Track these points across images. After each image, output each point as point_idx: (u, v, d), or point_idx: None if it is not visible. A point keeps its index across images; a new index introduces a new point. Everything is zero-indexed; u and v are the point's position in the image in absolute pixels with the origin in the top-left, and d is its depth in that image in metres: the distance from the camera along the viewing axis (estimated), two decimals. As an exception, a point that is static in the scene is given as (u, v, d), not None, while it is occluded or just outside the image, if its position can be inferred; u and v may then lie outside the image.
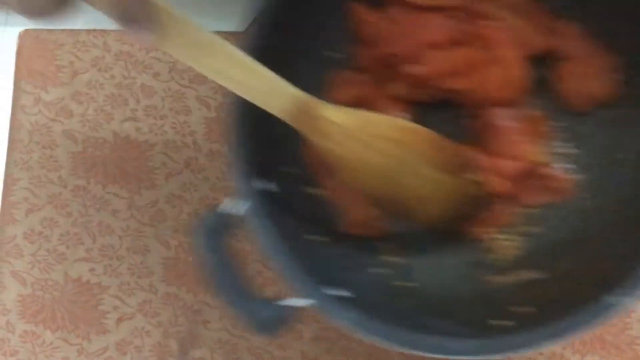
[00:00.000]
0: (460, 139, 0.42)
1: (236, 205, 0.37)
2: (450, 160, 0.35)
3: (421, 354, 0.33)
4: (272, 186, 0.39)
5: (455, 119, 0.45)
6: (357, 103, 0.41)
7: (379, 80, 0.43)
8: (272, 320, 0.35)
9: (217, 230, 0.37)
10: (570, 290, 0.37)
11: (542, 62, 0.46)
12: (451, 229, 0.40)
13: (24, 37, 0.64)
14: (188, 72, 0.63)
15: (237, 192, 0.36)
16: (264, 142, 0.39)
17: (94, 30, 0.64)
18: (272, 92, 0.32)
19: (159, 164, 0.62)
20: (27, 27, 0.65)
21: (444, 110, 0.45)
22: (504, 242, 0.42)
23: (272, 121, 0.35)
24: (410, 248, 0.40)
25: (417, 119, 0.42)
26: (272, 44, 0.38)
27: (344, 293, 0.35)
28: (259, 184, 0.37)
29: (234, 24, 0.64)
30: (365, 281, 0.39)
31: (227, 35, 0.63)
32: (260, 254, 0.37)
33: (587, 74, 0.40)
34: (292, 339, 0.59)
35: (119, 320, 0.60)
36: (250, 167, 0.37)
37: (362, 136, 0.33)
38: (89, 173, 0.62)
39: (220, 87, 0.62)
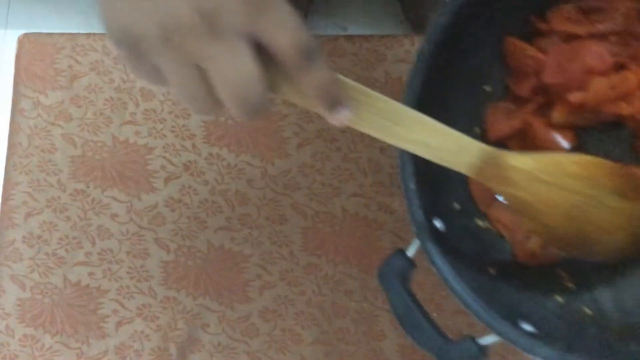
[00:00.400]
0: (626, 161, 0.40)
1: (414, 247, 0.39)
2: (630, 186, 0.35)
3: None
4: (442, 224, 0.39)
5: (619, 141, 0.43)
6: (519, 134, 0.41)
7: (538, 110, 0.42)
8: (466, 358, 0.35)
9: (402, 271, 0.39)
10: None
11: None
12: (633, 255, 0.37)
13: (23, 41, 0.64)
14: (187, 76, 0.63)
15: (416, 234, 0.38)
16: (433, 183, 0.40)
17: (93, 34, 0.64)
18: (459, 150, 0.33)
19: (158, 168, 0.62)
20: (26, 31, 0.65)
21: (606, 133, 0.43)
22: None
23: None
24: (585, 273, 0.39)
25: (579, 144, 0.41)
26: (430, 83, 0.37)
27: (528, 327, 0.35)
28: (435, 224, 0.39)
29: None
30: (544, 311, 0.38)
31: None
32: (439, 292, 0.37)
33: None
34: (292, 343, 0.59)
35: (119, 324, 0.60)
36: (424, 209, 0.38)
37: (547, 177, 0.33)
38: (88, 177, 0.62)
39: (220, 90, 0.63)
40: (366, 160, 0.61)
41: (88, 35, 0.64)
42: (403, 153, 0.38)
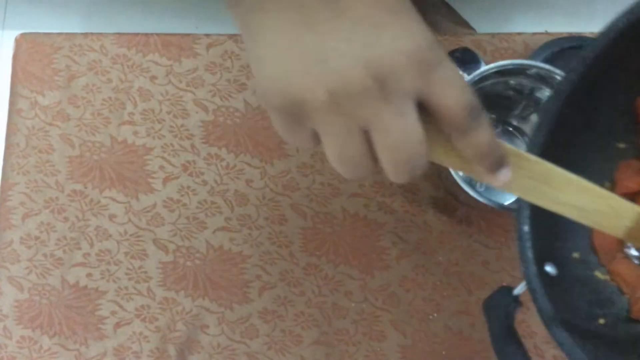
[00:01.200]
0: None
1: (522, 286, 0.40)
2: None
3: None
4: (554, 269, 0.40)
5: None
6: None
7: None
8: None
9: (507, 307, 0.40)
10: None
11: None
12: None
13: (20, 41, 0.64)
14: (185, 75, 0.62)
15: (523, 273, 0.38)
16: (552, 229, 0.41)
17: (91, 33, 0.64)
18: (614, 213, 0.32)
19: (157, 168, 0.61)
20: (24, 31, 0.64)
21: None
22: None
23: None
24: None
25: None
26: (557, 137, 0.37)
27: None
28: (546, 268, 0.39)
29: (231, 26, 0.64)
30: None
31: (237, 37, 0.63)
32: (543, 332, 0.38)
33: None
34: (292, 344, 0.59)
35: (117, 325, 0.60)
36: (536, 252, 0.38)
37: None
38: (86, 177, 0.62)
39: (218, 90, 0.62)
40: (366, 160, 0.61)
41: (85, 35, 0.64)
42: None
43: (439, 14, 0.67)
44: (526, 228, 0.38)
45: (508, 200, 0.57)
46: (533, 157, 0.31)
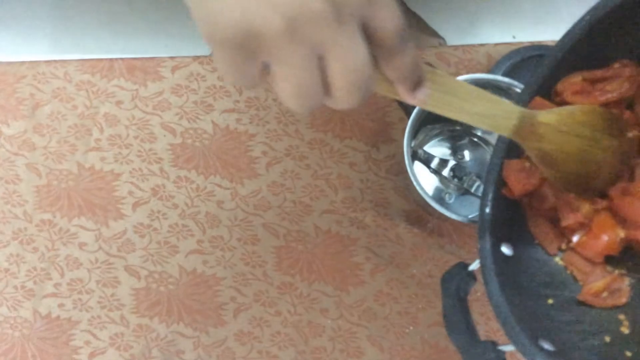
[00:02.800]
0: None
1: (477, 264, 0.42)
2: (615, 125, 0.41)
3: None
4: (510, 250, 0.42)
5: None
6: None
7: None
8: None
9: (460, 280, 0.42)
10: None
11: None
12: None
13: (-18, 70, 0.63)
14: (151, 99, 0.62)
15: (479, 251, 0.41)
16: (513, 215, 0.43)
17: (54, 60, 0.64)
18: (505, 115, 0.37)
19: (126, 194, 0.61)
20: (-14, 61, 0.64)
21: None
22: None
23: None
24: (638, 322, 0.41)
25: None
26: None
27: (549, 347, 0.38)
28: (503, 248, 0.42)
29: (204, 47, 0.64)
30: (583, 344, 0.40)
31: (202, 59, 0.63)
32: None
33: None
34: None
35: (91, 355, 0.59)
36: (493, 233, 0.41)
37: (565, 128, 0.39)
38: (54, 206, 0.61)
39: (185, 113, 0.62)
40: (336, 176, 0.61)
41: (49, 62, 0.63)
42: (488, 176, 0.42)
43: (408, 24, 0.68)
44: (488, 210, 0.41)
45: (473, 213, 0.57)
46: (444, 73, 0.34)
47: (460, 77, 0.52)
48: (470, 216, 0.53)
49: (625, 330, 0.40)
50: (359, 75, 0.29)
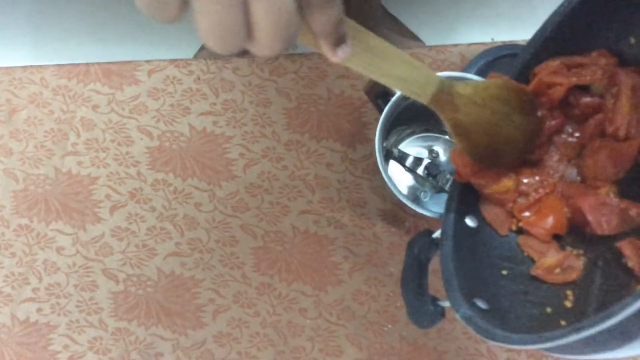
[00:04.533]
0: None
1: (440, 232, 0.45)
2: (527, 103, 0.43)
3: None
4: (474, 222, 0.45)
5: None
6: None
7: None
8: (430, 315, 0.43)
9: (423, 245, 0.45)
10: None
11: None
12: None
13: (-42, 77, 0.63)
14: (128, 103, 0.62)
15: (443, 220, 0.44)
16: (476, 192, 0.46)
17: (31, 66, 0.64)
18: (426, 81, 0.37)
19: (103, 197, 0.61)
20: (-38, 67, 0.64)
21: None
22: None
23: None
24: (589, 300, 0.42)
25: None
26: None
27: (483, 306, 0.40)
28: (467, 220, 0.45)
29: (184, 52, 0.64)
30: (523, 312, 0.42)
31: (178, 62, 0.63)
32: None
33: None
34: (249, 365, 0.59)
35: (70, 359, 0.59)
36: (460, 205, 0.45)
37: (479, 100, 0.40)
38: (32, 211, 0.61)
39: (162, 116, 0.62)
40: (313, 177, 0.62)
41: (25, 68, 0.63)
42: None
43: (386, 27, 0.68)
44: (457, 184, 0.45)
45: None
46: (371, 33, 0.34)
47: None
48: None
49: (568, 304, 0.41)
50: (284, 18, 0.28)
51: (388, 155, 0.58)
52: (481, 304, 0.39)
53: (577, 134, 0.44)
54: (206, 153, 0.62)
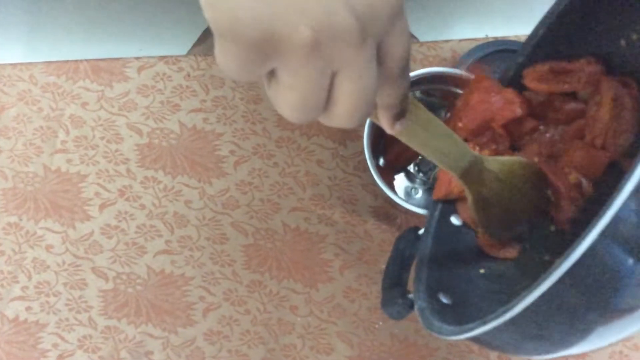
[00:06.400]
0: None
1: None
2: (542, 181, 0.43)
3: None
4: (458, 221, 0.46)
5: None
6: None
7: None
8: (398, 306, 0.43)
9: (408, 241, 0.46)
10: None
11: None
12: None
13: (-54, 74, 0.63)
14: (117, 100, 0.62)
15: (427, 217, 0.45)
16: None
17: (20, 63, 0.63)
18: (461, 156, 0.38)
19: (93, 195, 0.61)
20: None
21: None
22: None
23: None
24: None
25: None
26: None
27: (446, 300, 0.41)
28: (451, 218, 0.46)
29: (177, 49, 0.64)
30: (485, 309, 0.43)
31: (168, 59, 0.63)
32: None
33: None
34: (240, 363, 0.58)
35: (60, 358, 0.58)
36: (445, 205, 0.46)
37: (503, 177, 0.41)
38: (21, 209, 0.60)
39: (152, 113, 0.62)
40: (304, 174, 0.61)
41: (14, 65, 0.63)
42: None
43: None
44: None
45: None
46: (421, 105, 0.34)
47: (423, 71, 0.53)
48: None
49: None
50: (366, 99, 0.28)
51: (379, 151, 0.58)
52: (444, 299, 0.41)
53: (558, 137, 0.44)
54: (196, 150, 0.62)
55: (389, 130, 0.32)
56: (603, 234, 0.27)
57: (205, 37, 0.84)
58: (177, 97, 0.62)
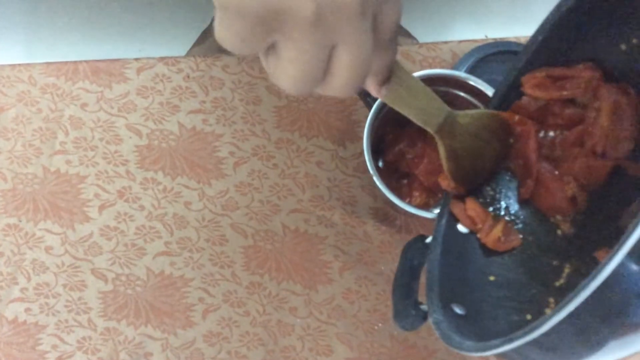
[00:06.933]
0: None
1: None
2: (503, 129, 0.45)
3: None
4: (466, 228, 0.46)
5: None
6: None
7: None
8: (411, 318, 0.43)
9: (416, 249, 0.46)
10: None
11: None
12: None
13: (-55, 75, 0.63)
14: (116, 101, 0.62)
15: (435, 225, 0.45)
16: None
17: (19, 64, 0.63)
18: (437, 112, 0.40)
19: (92, 196, 0.60)
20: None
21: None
22: None
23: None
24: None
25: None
26: None
27: (459, 311, 0.41)
28: (458, 226, 0.45)
29: (176, 50, 0.64)
30: (499, 317, 0.43)
31: (167, 60, 0.63)
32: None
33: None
34: (239, 365, 0.58)
35: (59, 359, 0.58)
36: (451, 216, 0.46)
37: (472, 129, 0.42)
38: (20, 210, 0.60)
39: (151, 114, 0.62)
40: (303, 175, 0.61)
41: (13, 66, 0.63)
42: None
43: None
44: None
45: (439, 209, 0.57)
46: (403, 68, 0.35)
47: (422, 72, 0.53)
48: (436, 212, 0.53)
49: (549, 311, 0.42)
50: (363, 69, 0.29)
51: (378, 153, 0.58)
52: (458, 309, 0.40)
53: (558, 140, 0.44)
54: (196, 151, 0.61)
55: (375, 93, 0.34)
56: (628, 255, 0.27)
57: (205, 38, 0.84)
58: (176, 98, 0.62)
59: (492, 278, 0.43)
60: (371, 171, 0.52)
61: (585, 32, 0.42)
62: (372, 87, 0.33)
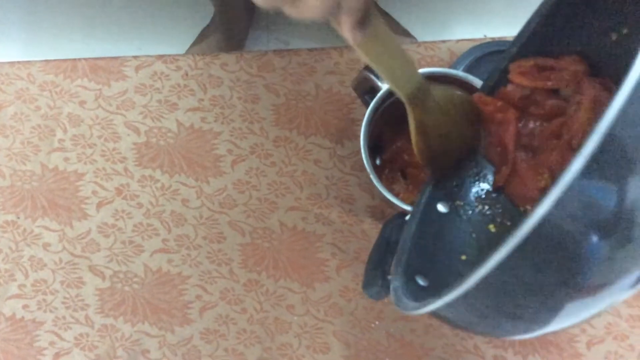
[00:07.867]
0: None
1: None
2: (473, 112, 0.45)
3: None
4: (445, 208, 0.47)
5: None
6: None
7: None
8: (378, 287, 0.43)
9: (395, 226, 0.47)
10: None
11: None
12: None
13: (-56, 72, 0.63)
14: (115, 98, 0.62)
15: (414, 205, 0.46)
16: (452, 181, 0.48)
17: (18, 62, 0.63)
18: (408, 76, 0.39)
19: (90, 194, 0.61)
20: (-51, 62, 0.63)
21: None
22: None
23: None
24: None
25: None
26: None
27: (422, 283, 0.42)
28: (438, 205, 0.47)
29: (175, 48, 0.64)
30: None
31: (166, 58, 0.63)
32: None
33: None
34: (236, 362, 0.59)
35: (56, 356, 0.58)
36: (433, 193, 0.47)
37: (444, 105, 0.43)
38: (18, 207, 0.60)
39: (149, 112, 0.62)
40: (301, 173, 0.61)
41: (12, 64, 0.63)
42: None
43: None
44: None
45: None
46: (381, 19, 0.35)
47: (420, 71, 0.53)
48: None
49: None
50: None
51: (376, 151, 0.58)
52: (421, 281, 0.42)
53: (537, 131, 0.45)
54: (194, 149, 0.62)
55: (349, 36, 0.34)
56: (557, 206, 0.27)
57: (203, 37, 0.84)
58: (174, 96, 0.62)
59: (463, 257, 0.45)
60: (368, 169, 0.52)
61: (578, 21, 0.43)
62: (345, 27, 0.33)
